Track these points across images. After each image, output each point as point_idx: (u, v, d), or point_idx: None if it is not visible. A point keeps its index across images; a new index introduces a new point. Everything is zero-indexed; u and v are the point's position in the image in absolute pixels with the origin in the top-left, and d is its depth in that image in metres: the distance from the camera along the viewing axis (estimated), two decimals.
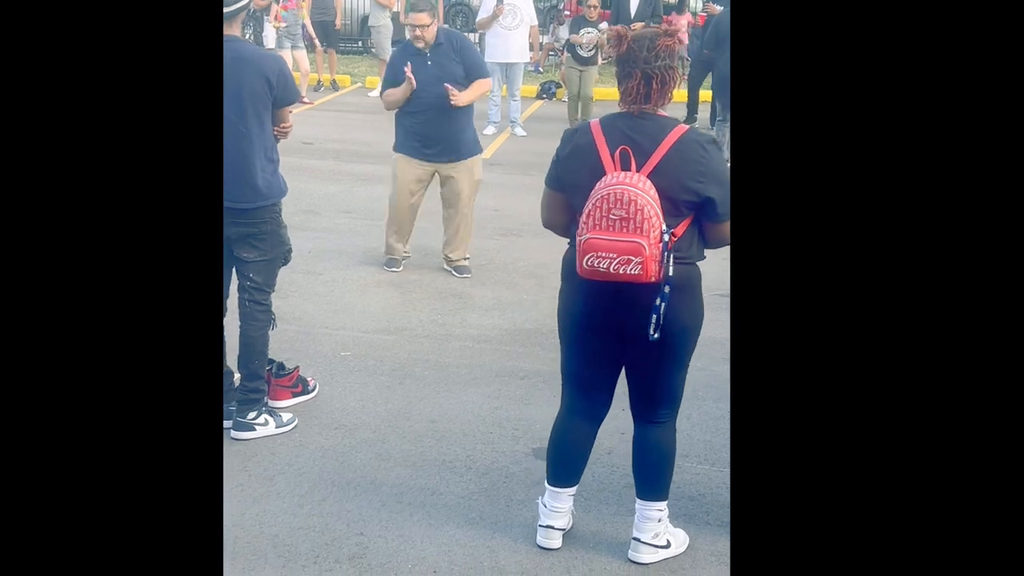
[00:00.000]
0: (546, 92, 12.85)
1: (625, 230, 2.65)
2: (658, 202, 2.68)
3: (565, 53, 11.20)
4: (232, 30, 3.61)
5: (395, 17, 12.33)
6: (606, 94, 11.19)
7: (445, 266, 5.89)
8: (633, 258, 2.66)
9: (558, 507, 3.14)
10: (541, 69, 13.87)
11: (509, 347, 4.82)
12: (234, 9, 3.54)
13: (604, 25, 9.94)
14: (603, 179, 2.70)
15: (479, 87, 5.60)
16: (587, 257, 2.70)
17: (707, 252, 2.93)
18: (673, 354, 2.91)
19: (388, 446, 3.80)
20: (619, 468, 3.61)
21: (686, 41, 10.94)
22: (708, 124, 10.27)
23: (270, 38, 11.21)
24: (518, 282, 5.75)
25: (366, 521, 3.29)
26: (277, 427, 3.85)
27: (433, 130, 5.57)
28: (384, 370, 4.50)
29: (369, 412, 4.08)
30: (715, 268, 3.39)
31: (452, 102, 5.43)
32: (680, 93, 11.47)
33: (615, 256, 2.66)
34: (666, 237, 2.69)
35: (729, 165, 2.36)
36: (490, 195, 7.51)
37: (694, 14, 10.55)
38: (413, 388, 4.32)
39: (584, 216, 2.70)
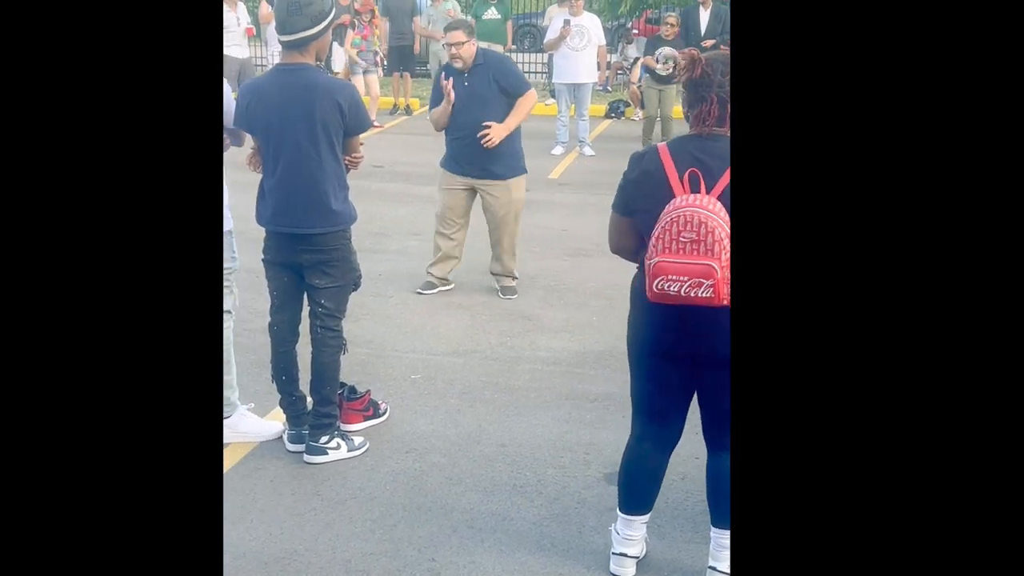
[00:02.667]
0: (614, 111, 12.82)
1: (696, 252, 2.62)
2: (729, 224, 2.64)
3: (640, 73, 11.09)
4: (304, 58, 3.64)
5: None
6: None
7: (494, 284, 5.90)
8: (704, 281, 2.62)
9: (631, 535, 3.09)
10: (609, 88, 13.87)
11: (579, 369, 4.78)
12: (305, 37, 3.57)
13: (668, 50, 9.76)
14: (672, 202, 2.68)
15: (523, 106, 5.52)
16: (657, 280, 2.68)
17: None
18: None
19: (459, 470, 3.79)
20: (693, 494, 3.55)
21: None
22: None
23: (338, 62, 11.36)
24: (588, 303, 5.72)
25: (437, 547, 3.28)
26: (349, 451, 3.87)
27: (469, 152, 5.55)
28: (454, 393, 4.50)
29: (439, 436, 4.08)
30: None
31: (485, 144, 5.43)
32: None
33: (686, 279, 2.64)
34: None
35: None
36: (558, 215, 7.50)
37: None
38: (483, 411, 4.31)
39: (653, 239, 2.68)
